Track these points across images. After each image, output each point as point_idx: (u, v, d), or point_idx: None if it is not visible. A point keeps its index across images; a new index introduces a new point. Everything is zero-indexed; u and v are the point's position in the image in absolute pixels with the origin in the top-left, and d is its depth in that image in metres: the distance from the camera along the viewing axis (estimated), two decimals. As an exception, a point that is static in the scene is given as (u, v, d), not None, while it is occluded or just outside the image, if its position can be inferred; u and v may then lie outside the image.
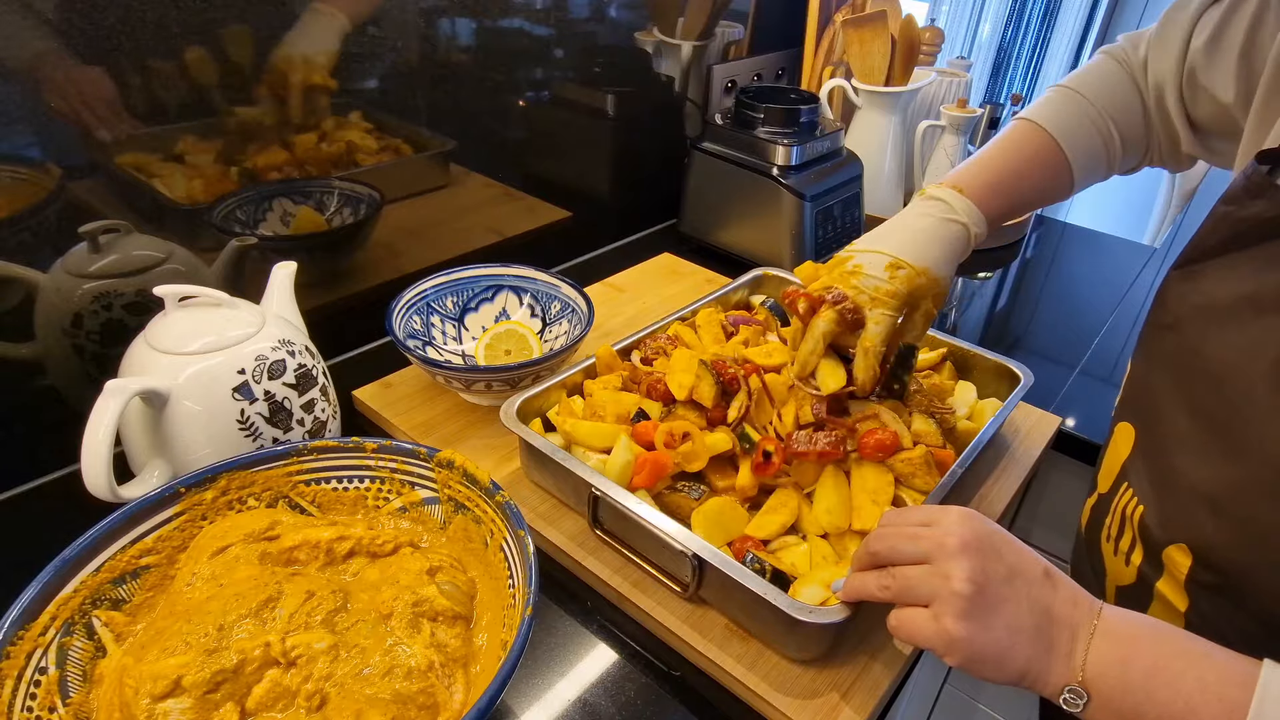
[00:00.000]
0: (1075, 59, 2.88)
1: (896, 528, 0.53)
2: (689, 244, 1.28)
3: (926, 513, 0.52)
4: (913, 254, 0.67)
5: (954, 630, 0.46)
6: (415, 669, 0.50)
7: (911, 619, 0.49)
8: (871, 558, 0.53)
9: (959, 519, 0.50)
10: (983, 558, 0.48)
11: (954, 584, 0.47)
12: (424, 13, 0.91)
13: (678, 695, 0.61)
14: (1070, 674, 0.46)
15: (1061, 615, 0.47)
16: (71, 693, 0.49)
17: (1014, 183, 0.73)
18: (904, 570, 0.50)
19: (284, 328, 0.70)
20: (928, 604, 0.48)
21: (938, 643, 0.47)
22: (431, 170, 1.02)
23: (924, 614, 0.48)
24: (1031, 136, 0.74)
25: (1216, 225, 0.51)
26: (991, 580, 0.47)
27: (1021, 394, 0.79)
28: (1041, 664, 0.46)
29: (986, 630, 0.46)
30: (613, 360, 0.80)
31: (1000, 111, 1.43)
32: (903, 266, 0.66)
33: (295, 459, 0.62)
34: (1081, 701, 0.45)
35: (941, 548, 0.49)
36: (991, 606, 0.47)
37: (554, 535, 0.71)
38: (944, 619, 0.47)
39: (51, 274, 0.70)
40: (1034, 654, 0.46)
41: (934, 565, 0.49)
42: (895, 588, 0.51)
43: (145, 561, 0.55)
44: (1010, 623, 0.46)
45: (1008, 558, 0.49)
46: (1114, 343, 1.13)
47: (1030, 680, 0.46)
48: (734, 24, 1.36)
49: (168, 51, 0.72)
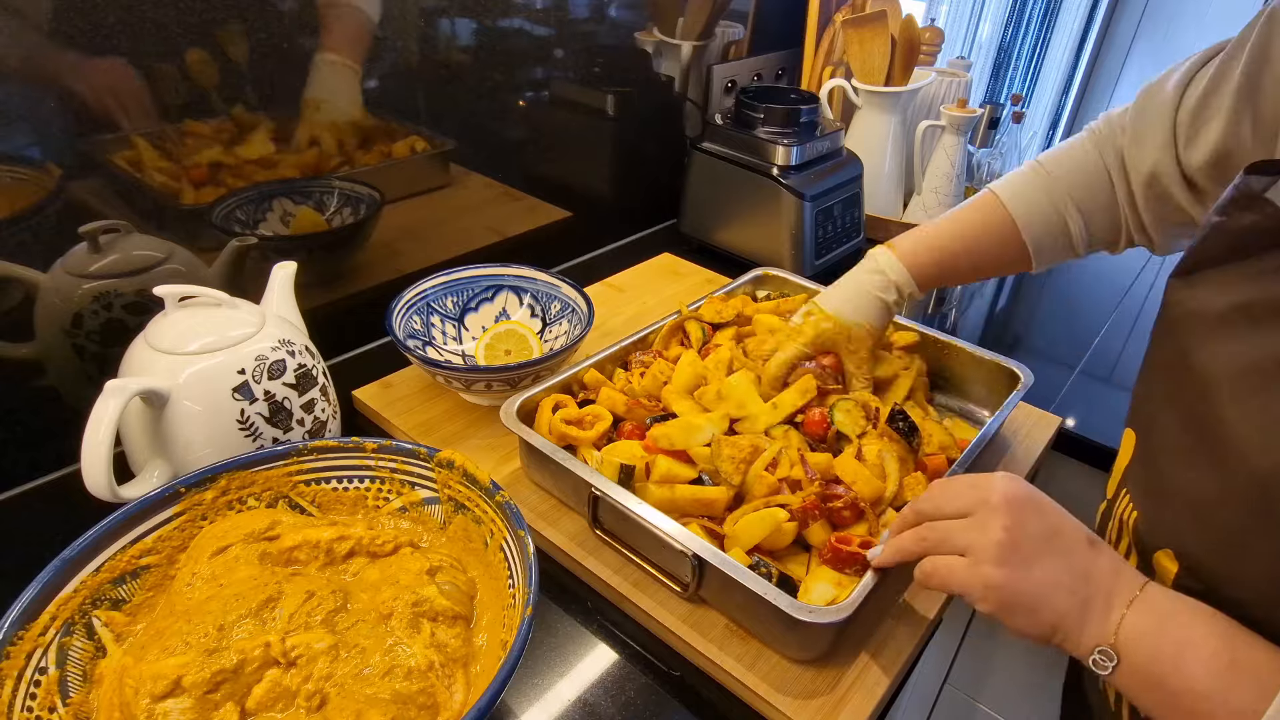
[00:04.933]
0: (1075, 59, 2.87)
1: (942, 490, 0.54)
2: (689, 244, 1.28)
3: (973, 478, 0.54)
4: (824, 303, 0.79)
5: (989, 575, 0.48)
6: (415, 669, 0.50)
7: (947, 564, 0.51)
8: (917, 515, 0.55)
9: (1004, 479, 0.52)
10: (1024, 514, 0.49)
11: (992, 533, 0.48)
12: (424, 13, 0.91)
13: (678, 695, 0.61)
14: (1104, 635, 0.46)
15: (1101, 580, 0.48)
16: (71, 693, 0.49)
17: (954, 248, 0.77)
18: (944, 522, 0.52)
19: (284, 328, 0.70)
20: (964, 554, 0.50)
21: (973, 587, 0.49)
22: (431, 170, 1.02)
23: (960, 560, 0.50)
24: (986, 207, 0.77)
25: (1210, 236, 0.51)
26: (1030, 535, 0.48)
27: (1021, 394, 0.79)
28: (1075, 622, 0.47)
29: (1021, 580, 0.47)
30: (598, 381, 0.80)
31: (1000, 111, 1.43)
32: (813, 313, 0.79)
33: (295, 459, 0.62)
34: (1111, 664, 0.46)
35: (984, 503, 0.50)
36: (1028, 559, 0.48)
37: (554, 535, 0.71)
38: (981, 565, 0.48)
39: (51, 274, 0.70)
40: (1068, 610, 0.47)
41: (974, 518, 0.50)
42: (933, 539, 0.52)
43: (145, 561, 0.55)
44: (1046, 577, 0.47)
45: (1050, 518, 0.50)
46: (1114, 343, 1.13)
47: (1062, 636, 0.47)
48: (734, 24, 1.36)
49: (170, 51, 0.72)
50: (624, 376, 0.82)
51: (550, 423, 0.72)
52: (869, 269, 0.78)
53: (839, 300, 0.79)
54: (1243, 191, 0.49)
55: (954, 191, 1.32)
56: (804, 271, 1.15)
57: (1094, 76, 2.99)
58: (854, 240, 1.24)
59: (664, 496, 0.66)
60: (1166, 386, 0.53)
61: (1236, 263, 0.50)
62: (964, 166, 1.33)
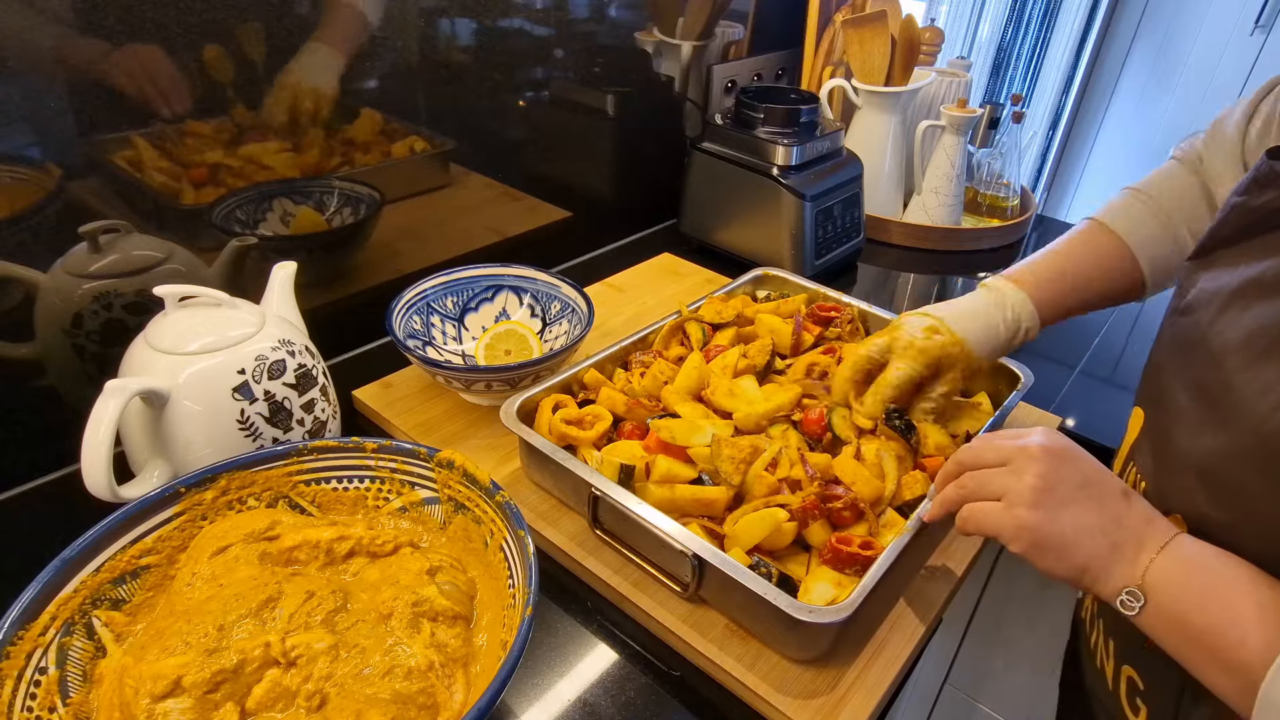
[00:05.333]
0: (1075, 59, 2.87)
1: (985, 440, 0.57)
2: (689, 244, 1.28)
3: (1012, 431, 0.56)
4: (953, 323, 0.73)
5: (1023, 517, 0.50)
6: (415, 669, 0.50)
7: (983, 508, 0.53)
8: (958, 466, 0.58)
9: (1043, 433, 0.54)
10: (1060, 462, 0.51)
11: (1027, 479, 0.51)
12: (424, 13, 0.91)
13: (678, 695, 0.61)
14: (1132, 577, 0.48)
15: (1132, 527, 0.49)
16: (71, 693, 0.49)
17: (1073, 280, 0.75)
18: (982, 471, 0.55)
19: (284, 328, 0.70)
20: (1000, 499, 0.52)
21: (1006, 527, 0.51)
22: (431, 170, 1.02)
23: (995, 505, 0.52)
24: (1100, 238, 0.75)
25: (1229, 215, 0.52)
26: (1064, 481, 0.51)
27: (1022, 394, 0.79)
28: (1103, 564, 0.48)
29: (1053, 521, 0.49)
30: (598, 382, 0.80)
31: (1000, 111, 1.43)
32: (940, 332, 0.73)
33: (295, 459, 0.62)
34: (1138, 604, 0.47)
35: (1023, 451, 0.53)
36: (1061, 503, 0.50)
37: (554, 535, 0.71)
38: (1015, 508, 0.51)
39: (51, 274, 0.70)
40: (1097, 553, 0.48)
41: (1011, 465, 0.53)
42: (971, 485, 0.55)
43: (145, 561, 0.55)
44: (1077, 521, 0.49)
45: (1085, 468, 0.52)
46: (1114, 343, 1.12)
47: (1090, 578, 0.49)
48: (734, 24, 1.36)
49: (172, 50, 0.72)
50: (624, 376, 0.82)
51: (550, 423, 0.72)
52: (993, 301, 0.74)
53: (967, 325, 0.73)
54: (1263, 172, 0.50)
55: (954, 191, 1.32)
56: (804, 271, 1.14)
57: (1094, 76, 2.99)
58: (854, 240, 1.24)
59: (664, 496, 0.66)
60: (1177, 362, 0.54)
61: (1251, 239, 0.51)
62: (964, 166, 1.33)
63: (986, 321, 0.74)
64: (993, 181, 1.42)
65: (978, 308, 0.74)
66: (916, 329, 0.73)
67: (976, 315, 0.74)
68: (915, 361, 0.72)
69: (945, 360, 0.73)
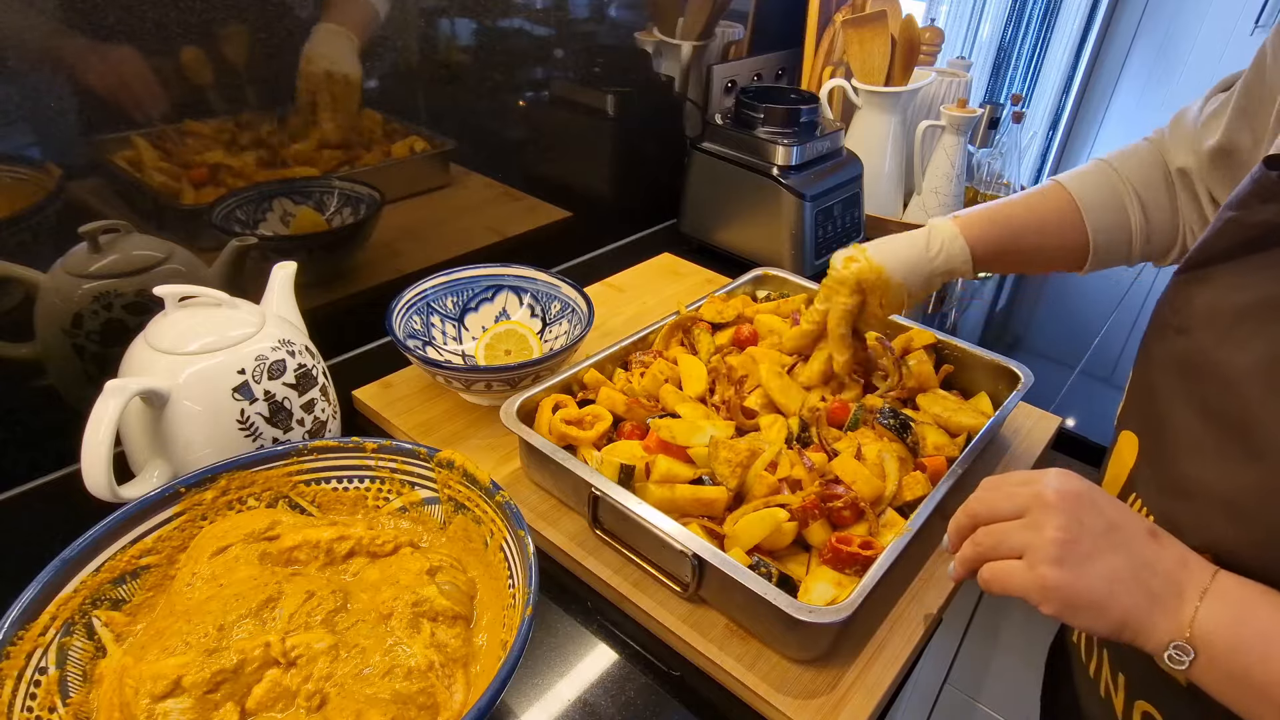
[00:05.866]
0: (1075, 59, 2.87)
1: (995, 490, 0.53)
2: (689, 244, 1.28)
3: (1025, 474, 0.52)
4: (873, 252, 0.76)
5: (1048, 576, 0.46)
6: (415, 669, 0.50)
7: (1005, 568, 0.49)
8: (971, 519, 0.54)
9: (1056, 476, 0.50)
10: (1080, 509, 0.47)
11: (1047, 532, 0.47)
12: (424, 13, 0.91)
13: (678, 695, 0.61)
14: (1177, 629, 0.44)
15: (1167, 571, 0.46)
16: (71, 693, 0.49)
17: (1014, 226, 0.75)
18: (998, 525, 0.51)
19: (284, 328, 0.70)
20: (1021, 555, 0.48)
21: (1032, 589, 0.47)
22: (431, 170, 1.02)
23: (1018, 564, 0.48)
24: (1050, 194, 0.76)
25: (1224, 230, 0.50)
26: (1088, 530, 0.47)
27: (1022, 394, 0.79)
28: (1143, 616, 0.45)
29: (1082, 577, 0.46)
30: (598, 381, 0.80)
31: (1000, 111, 1.42)
32: (856, 260, 0.77)
33: (295, 459, 0.62)
34: (1187, 659, 0.44)
35: (1038, 499, 0.49)
36: (1087, 555, 0.46)
37: (554, 535, 0.71)
38: (1038, 566, 0.47)
39: (51, 274, 0.70)
40: (1135, 604, 0.45)
41: (1028, 518, 0.49)
42: (988, 543, 0.51)
43: (145, 561, 0.55)
44: (1108, 572, 0.46)
45: (1107, 512, 0.48)
46: (1114, 343, 1.13)
47: (1132, 633, 0.45)
48: (734, 24, 1.36)
49: (169, 49, 0.72)
50: (624, 376, 0.82)
51: (550, 423, 0.72)
52: (922, 234, 0.76)
53: (889, 255, 0.76)
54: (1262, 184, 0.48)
55: (954, 191, 1.32)
56: (804, 271, 1.15)
57: (1094, 76, 2.99)
58: (854, 240, 1.24)
59: (664, 496, 0.66)
60: (1178, 385, 0.52)
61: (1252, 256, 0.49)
62: (964, 166, 1.33)
63: (909, 250, 0.76)
64: (993, 181, 1.42)
65: (903, 239, 0.77)
66: (837, 260, 0.78)
67: (899, 245, 0.77)
68: (836, 294, 0.78)
69: (865, 285, 0.77)
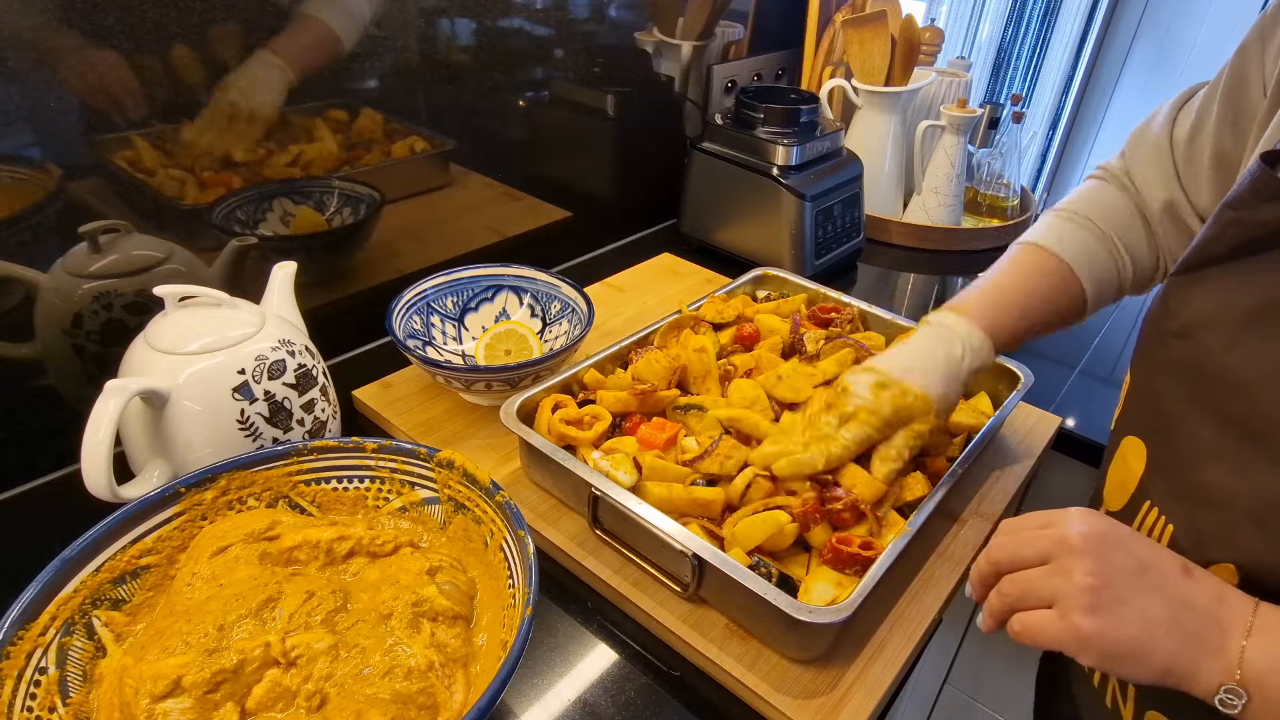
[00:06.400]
0: (1075, 59, 2.87)
1: (1015, 534, 0.50)
2: (689, 244, 1.28)
3: (1045, 516, 0.49)
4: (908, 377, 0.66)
5: (1083, 625, 0.43)
6: (415, 669, 0.50)
7: (1037, 619, 0.46)
8: (994, 567, 0.50)
9: (1079, 516, 0.47)
10: (1107, 550, 0.45)
11: (1076, 578, 0.44)
12: (424, 13, 0.91)
13: (678, 695, 0.61)
14: (1226, 672, 0.42)
15: (1206, 609, 0.44)
16: (71, 693, 0.49)
17: (1021, 303, 0.71)
18: (1024, 573, 0.48)
19: (284, 328, 0.70)
20: (1051, 604, 0.46)
21: (1068, 641, 0.44)
22: (431, 170, 1.02)
23: (1049, 614, 0.46)
24: (1039, 259, 0.72)
25: (1224, 231, 0.49)
26: (1119, 573, 0.44)
27: (1022, 394, 0.79)
28: (1188, 660, 0.43)
29: (1118, 624, 0.43)
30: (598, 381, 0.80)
31: (1000, 111, 1.43)
32: (888, 386, 0.66)
33: (295, 459, 0.62)
34: (1240, 702, 0.42)
35: (1062, 543, 0.46)
36: (1120, 599, 0.44)
37: (554, 535, 0.71)
38: (1071, 615, 0.44)
39: (51, 274, 0.70)
40: (1177, 649, 0.43)
41: (1055, 563, 0.46)
42: (1014, 594, 0.48)
43: (145, 561, 0.55)
44: (1144, 615, 0.43)
45: (1136, 550, 0.46)
46: (1114, 343, 1.13)
47: (1177, 679, 0.43)
48: (734, 24, 1.36)
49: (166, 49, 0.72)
50: (624, 376, 0.81)
51: (550, 423, 0.72)
52: (944, 338, 0.68)
53: (921, 371, 0.66)
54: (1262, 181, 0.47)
55: (954, 191, 1.32)
56: (804, 271, 1.14)
57: (1094, 76, 2.99)
58: (854, 240, 1.24)
59: (663, 496, 0.66)
60: (1186, 390, 0.50)
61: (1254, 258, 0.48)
62: (964, 166, 1.33)
63: (945, 365, 0.67)
64: (993, 181, 1.42)
65: (928, 350, 0.68)
66: (860, 387, 0.66)
67: (929, 360, 0.67)
68: (866, 424, 0.65)
69: (905, 413, 0.66)
